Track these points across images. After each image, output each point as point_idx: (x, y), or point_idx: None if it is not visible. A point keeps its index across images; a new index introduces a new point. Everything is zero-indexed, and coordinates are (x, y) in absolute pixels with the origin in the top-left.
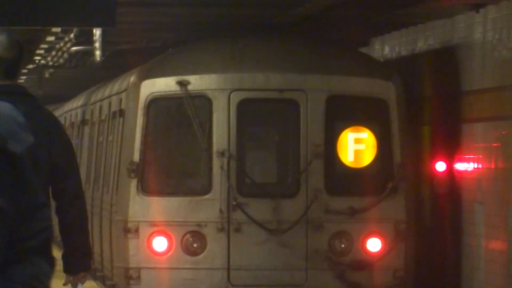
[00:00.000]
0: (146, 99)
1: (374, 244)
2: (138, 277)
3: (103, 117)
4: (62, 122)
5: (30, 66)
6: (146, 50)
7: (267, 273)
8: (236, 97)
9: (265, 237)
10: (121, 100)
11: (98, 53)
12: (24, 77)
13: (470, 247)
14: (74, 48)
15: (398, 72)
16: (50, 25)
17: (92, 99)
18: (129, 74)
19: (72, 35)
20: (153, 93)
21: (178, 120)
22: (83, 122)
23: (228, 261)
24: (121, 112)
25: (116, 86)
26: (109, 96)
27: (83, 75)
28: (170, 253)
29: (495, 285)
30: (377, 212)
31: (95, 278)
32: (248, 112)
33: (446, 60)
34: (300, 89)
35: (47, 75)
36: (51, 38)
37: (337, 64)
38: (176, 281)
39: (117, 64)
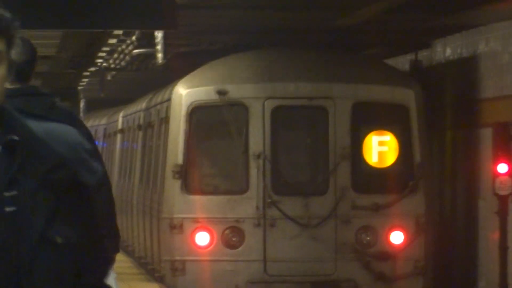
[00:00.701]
0: (188, 107)
1: (396, 237)
2: (183, 269)
3: (152, 123)
4: (120, 126)
5: (92, 69)
6: (207, 53)
7: (299, 264)
8: (270, 105)
9: (298, 231)
10: (167, 108)
11: (160, 55)
12: (86, 79)
13: None
14: (136, 50)
15: (417, 81)
16: (112, 28)
17: (144, 106)
18: (174, 84)
19: (134, 38)
20: (194, 101)
21: (217, 126)
22: (138, 127)
23: (264, 254)
24: (167, 119)
25: (162, 95)
26: (157, 104)
27: (145, 78)
28: (212, 246)
29: None
30: (399, 207)
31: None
32: (281, 118)
33: (509, 62)
34: (328, 97)
35: (108, 78)
36: (113, 41)
37: (362, 74)
38: (217, 272)
39: (178, 66)
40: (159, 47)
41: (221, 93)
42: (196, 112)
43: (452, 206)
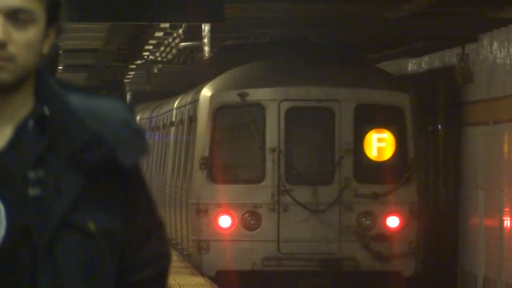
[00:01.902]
0: (213, 108)
1: (393, 221)
2: (208, 248)
3: (183, 121)
4: (157, 123)
5: (139, 62)
6: (254, 46)
7: (308, 244)
8: (284, 106)
9: (307, 216)
10: (195, 108)
11: (206, 48)
12: (132, 72)
13: None
14: (182, 43)
15: (412, 85)
16: (159, 21)
17: (177, 105)
18: (201, 87)
19: (180, 31)
20: (219, 102)
21: (239, 124)
22: (171, 123)
23: (278, 235)
24: (195, 118)
25: (192, 96)
26: (187, 104)
27: (191, 71)
28: (233, 228)
29: None
30: (395, 196)
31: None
32: (294, 118)
33: None
34: (334, 99)
35: (155, 71)
36: (159, 34)
37: (364, 79)
38: (237, 250)
39: (225, 60)
40: (205, 40)
41: (242, 95)
42: (220, 112)
43: (445, 195)
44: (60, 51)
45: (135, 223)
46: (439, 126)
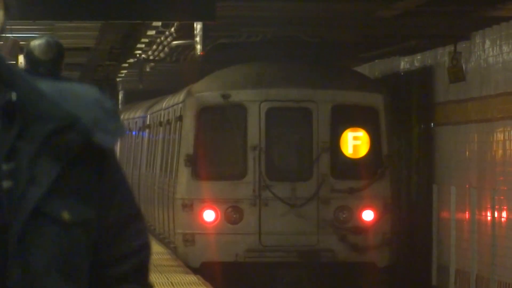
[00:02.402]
0: (198, 108)
1: (368, 215)
2: (193, 240)
3: (170, 121)
4: (148, 122)
5: (131, 60)
6: (247, 44)
7: (288, 236)
8: (264, 106)
9: (286, 210)
10: (181, 108)
11: (198, 47)
12: (125, 71)
13: None
14: (174, 42)
15: (385, 86)
16: (151, 20)
17: (165, 106)
18: (187, 89)
19: (172, 29)
20: (203, 103)
21: (222, 123)
22: (159, 123)
23: (259, 228)
24: (181, 118)
25: (178, 97)
26: (174, 105)
27: (184, 69)
28: (216, 222)
29: None
30: (370, 191)
31: (164, 245)
32: (274, 117)
33: None
34: (312, 100)
35: (147, 69)
36: (151, 32)
37: (340, 81)
38: (220, 243)
39: (217, 58)
40: (198, 38)
41: (224, 97)
42: (204, 112)
43: (418, 190)
44: (64, 52)
45: (112, 212)
46: (413, 125)
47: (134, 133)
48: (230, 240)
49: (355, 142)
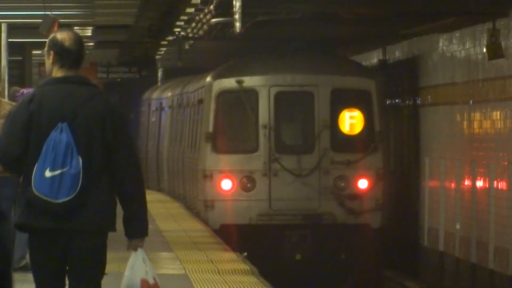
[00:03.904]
0: (216, 92)
1: (362, 183)
2: (213, 206)
3: (194, 103)
4: (176, 102)
5: (170, 38)
6: (286, 22)
7: (294, 202)
8: (273, 90)
9: (293, 179)
10: (202, 92)
11: (237, 24)
12: (164, 48)
13: None
14: (213, 19)
15: (378, 73)
16: None
17: (191, 89)
18: (206, 75)
19: (211, 7)
20: (220, 88)
21: (237, 105)
22: (187, 104)
23: (270, 195)
24: (202, 100)
25: (200, 82)
26: (197, 90)
27: (223, 47)
28: (233, 190)
29: None
30: (364, 162)
31: (185, 208)
32: (281, 100)
33: None
34: (314, 85)
35: (186, 47)
36: (190, 10)
37: (338, 68)
38: (236, 208)
39: (256, 35)
40: (236, 16)
41: (239, 82)
42: (222, 96)
43: (408, 162)
44: (83, 44)
45: None
46: (403, 106)
47: (166, 109)
48: (244, 206)
49: (351, 121)
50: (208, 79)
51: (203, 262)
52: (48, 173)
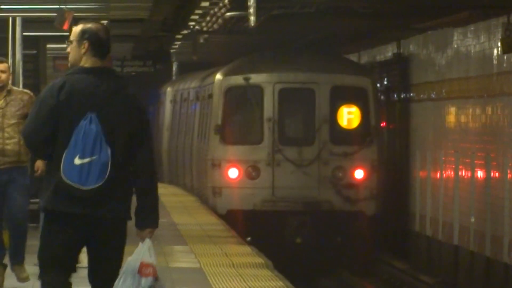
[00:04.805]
0: (225, 88)
1: (359, 173)
2: (220, 192)
3: (204, 97)
4: (188, 96)
5: (185, 32)
6: (300, 16)
7: (295, 190)
8: (277, 87)
9: (294, 169)
10: (212, 88)
11: (252, 18)
12: (178, 42)
13: None
14: (228, 13)
15: (373, 72)
16: None
17: (203, 83)
18: (216, 72)
19: (226, 1)
20: (229, 84)
21: (243, 100)
22: (197, 98)
23: (273, 183)
24: (211, 95)
25: (210, 78)
26: (207, 85)
27: (237, 41)
28: (239, 178)
29: None
30: (360, 154)
31: (193, 195)
32: (285, 96)
33: None
34: (315, 82)
35: (201, 41)
36: (205, 4)
37: (337, 67)
38: (242, 195)
39: (271, 29)
40: (251, 10)
41: (246, 79)
42: (230, 91)
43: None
44: (109, 34)
45: None
46: (396, 102)
47: (179, 104)
48: (249, 193)
49: (349, 116)
50: (218, 76)
51: (218, 256)
52: (77, 161)
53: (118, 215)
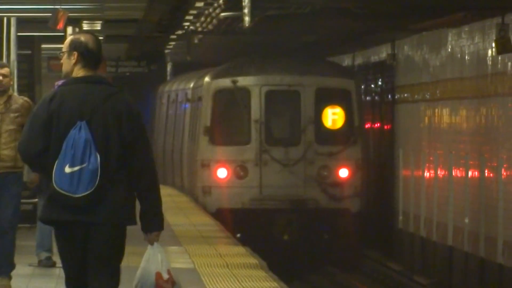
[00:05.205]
0: (214, 91)
1: (343, 172)
2: (210, 192)
3: (193, 99)
4: (179, 97)
5: (179, 32)
6: (295, 16)
7: (282, 189)
8: (264, 89)
9: (281, 168)
10: (201, 90)
11: (247, 19)
12: (173, 43)
13: None
14: (223, 14)
15: (356, 74)
16: None
17: (193, 85)
18: (205, 74)
19: (221, 1)
20: (217, 87)
21: (231, 102)
22: (187, 100)
23: (260, 182)
24: (201, 98)
25: (199, 81)
26: (197, 87)
27: (232, 41)
28: (228, 178)
29: None
30: (345, 154)
31: (184, 194)
32: (271, 98)
33: None
34: (301, 85)
35: (196, 41)
36: (200, 4)
37: (321, 70)
38: (230, 194)
39: (265, 30)
40: (246, 10)
41: (233, 82)
42: (218, 94)
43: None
44: (100, 44)
45: None
46: (380, 103)
47: (171, 105)
48: (238, 192)
49: (333, 117)
50: (206, 79)
51: (212, 256)
52: (67, 169)
53: (111, 220)
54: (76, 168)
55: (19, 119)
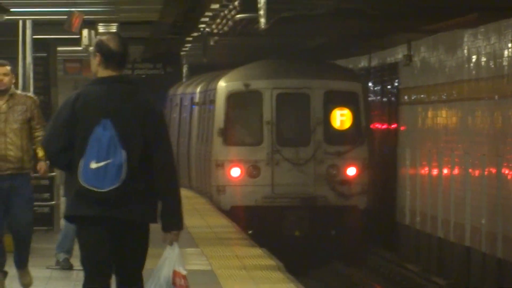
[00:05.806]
0: (227, 94)
1: (351, 171)
2: (224, 190)
3: (207, 102)
4: (195, 100)
5: (195, 34)
6: (310, 18)
7: (293, 187)
8: (275, 92)
9: (292, 167)
10: (214, 93)
11: (262, 20)
12: (189, 45)
13: None
14: (238, 15)
15: (363, 77)
16: None
17: (208, 88)
18: (218, 79)
19: (236, 3)
20: (230, 90)
21: (244, 104)
22: (203, 103)
23: (272, 181)
24: (214, 100)
25: (212, 85)
26: (210, 90)
27: (248, 43)
28: (241, 177)
29: None
30: (352, 153)
31: (200, 194)
32: (282, 100)
33: None
34: (310, 87)
35: (211, 43)
36: (215, 6)
37: (330, 73)
38: (244, 192)
39: (281, 31)
40: (261, 12)
41: (246, 85)
42: (231, 97)
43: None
44: (128, 46)
45: None
46: (385, 105)
47: (184, 107)
48: (251, 190)
49: (341, 118)
50: (220, 82)
51: (229, 258)
52: (93, 165)
53: (136, 217)
54: (101, 164)
55: (22, 117)
